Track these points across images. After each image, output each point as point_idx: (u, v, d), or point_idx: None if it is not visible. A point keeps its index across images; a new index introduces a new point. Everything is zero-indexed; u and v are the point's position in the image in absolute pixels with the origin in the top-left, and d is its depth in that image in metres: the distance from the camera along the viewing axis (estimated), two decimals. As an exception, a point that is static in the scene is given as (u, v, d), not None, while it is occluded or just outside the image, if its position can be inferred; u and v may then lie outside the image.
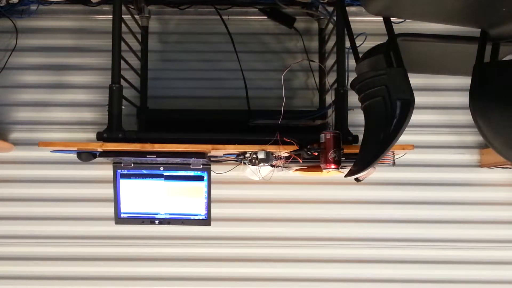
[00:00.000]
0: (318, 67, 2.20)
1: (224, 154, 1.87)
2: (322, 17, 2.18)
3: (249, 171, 1.93)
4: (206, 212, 1.96)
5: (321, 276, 2.19)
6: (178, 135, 1.80)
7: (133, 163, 1.90)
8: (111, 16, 1.78)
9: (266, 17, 2.29)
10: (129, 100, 1.94)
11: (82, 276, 2.18)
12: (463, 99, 2.13)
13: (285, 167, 1.87)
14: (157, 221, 1.96)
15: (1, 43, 2.28)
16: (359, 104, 1.44)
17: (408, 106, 1.23)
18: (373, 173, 1.69)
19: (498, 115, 1.15)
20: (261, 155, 1.72)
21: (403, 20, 2.00)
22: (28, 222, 2.21)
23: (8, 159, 2.23)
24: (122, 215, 1.96)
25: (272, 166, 1.80)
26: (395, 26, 1.29)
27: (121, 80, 1.78)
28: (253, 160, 1.75)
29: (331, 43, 1.98)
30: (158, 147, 1.71)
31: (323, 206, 2.22)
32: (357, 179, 1.72)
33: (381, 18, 1.28)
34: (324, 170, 1.66)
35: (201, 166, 1.91)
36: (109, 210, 1.98)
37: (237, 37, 2.24)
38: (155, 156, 1.75)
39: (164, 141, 1.72)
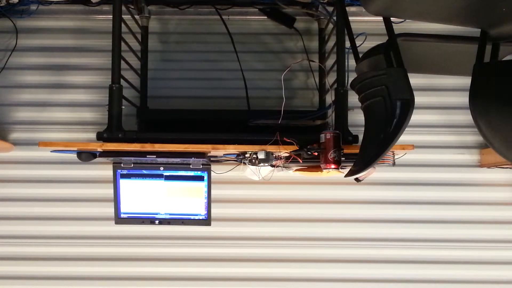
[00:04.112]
0: (318, 67, 2.20)
1: (224, 154, 1.87)
2: (322, 17, 2.18)
3: (249, 171, 1.93)
4: (206, 212, 1.96)
5: (321, 276, 2.19)
6: (178, 135, 1.80)
7: (133, 163, 1.90)
8: (111, 16, 1.78)
9: (266, 17, 2.29)
10: (129, 100, 1.94)
11: (82, 276, 2.18)
12: (463, 99, 2.13)
13: (285, 167, 1.87)
14: (157, 221, 1.96)
15: (1, 43, 2.28)
16: (359, 104, 1.44)
17: (408, 106, 1.23)
18: (373, 173, 1.70)
19: (498, 115, 1.15)
20: (261, 155, 1.72)
21: (403, 20, 2.00)
22: (28, 222, 2.20)
23: (8, 159, 2.23)
24: (122, 215, 1.96)
25: (272, 166, 1.80)
26: (395, 26, 1.29)
27: (121, 80, 1.79)
28: (253, 160, 1.75)
29: (331, 43, 1.98)
30: (158, 147, 1.71)
31: (323, 206, 2.22)
32: (357, 179, 1.72)
33: (381, 18, 1.28)
34: (324, 170, 1.66)
35: (201, 166, 1.91)
36: (109, 210, 1.98)
37: (237, 37, 2.24)
38: (155, 156, 1.75)
39: (164, 141, 1.72)
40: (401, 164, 2.05)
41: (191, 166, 1.91)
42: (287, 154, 1.72)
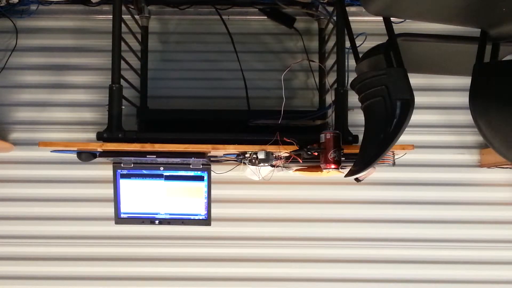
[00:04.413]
0: (318, 67, 2.20)
1: (224, 154, 1.87)
2: (322, 17, 2.18)
3: (249, 171, 1.93)
4: (206, 212, 1.96)
5: (321, 276, 2.19)
6: (178, 135, 1.80)
7: (133, 163, 1.90)
8: (111, 16, 1.78)
9: (266, 17, 2.29)
10: (129, 100, 1.94)
11: (82, 276, 2.18)
12: (463, 99, 2.13)
13: (285, 167, 1.87)
14: (157, 221, 1.96)
15: (1, 43, 2.28)
16: (359, 104, 1.44)
17: (408, 106, 1.23)
18: (373, 173, 1.69)
19: (498, 115, 1.15)
20: (261, 155, 1.72)
21: (403, 20, 2.00)
22: (28, 222, 2.20)
23: (8, 159, 2.23)
24: (122, 215, 1.96)
25: (272, 166, 1.80)
26: (395, 26, 1.29)
27: (121, 80, 1.79)
28: (253, 160, 1.75)
29: (331, 43, 1.98)
30: (158, 147, 1.71)
31: (323, 206, 2.22)
32: (357, 179, 1.72)
33: (381, 18, 1.28)
34: (324, 170, 1.66)
35: (201, 166, 1.91)
36: (109, 210, 1.98)
37: (237, 37, 2.24)
38: (155, 156, 1.75)
39: (164, 141, 1.72)
40: (401, 164, 2.05)
41: (191, 166, 1.91)
42: (287, 154, 1.72)
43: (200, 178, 1.94)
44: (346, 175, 1.49)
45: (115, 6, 1.77)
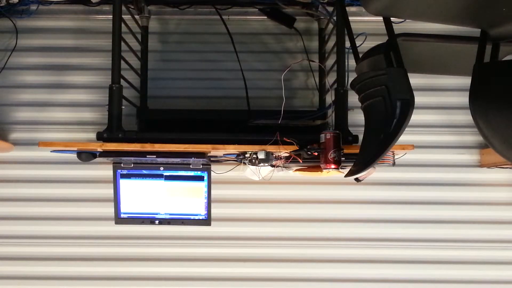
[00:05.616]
0: (318, 67, 2.20)
1: (224, 154, 1.87)
2: (322, 17, 2.18)
3: (249, 171, 1.93)
4: (206, 212, 1.96)
5: (321, 276, 2.19)
6: (178, 135, 1.80)
7: (133, 163, 1.90)
8: (111, 16, 1.78)
9: (266, 17, 2.29)
10: (129, 100, 1.94)
11: (82, 276, 2.18)
12: (463, 99, 2.13)
13: (285, 167, 1.87)
14: (157, 221, 1.96)
15: (1, 43, 2.28)
16: (359, 104, 1.44)
17: (408, 106, 1.23)
18: (373, 173, 1.69)
19: (498, 115, 1.15)
20: (261, 155, 1.73)
21: (403, 20, 2.00)
22: (28, 222, 2.20)
23: (8, 159, 2.23)
24: (122, 215, 1.96)
25: (272, 166, 1.80)
26: (395, 26, 1.29)
27: (121, 80, 1.79)
28: (253, 160, 1.75)
29: (331, 43, 1.98)
30: (158, 147, 1.71)
31: (323, 206, 2.22)
32: (357, 179, 1.72)
33: (381, 18, 1.28)
34: (324, 170, 1.66)
35: (201, 166, 1.91)
36: (109, 210, 1.98)
37: (237, 37, 2.24)
38: (155, 156, 1.75)
39: (164, 141, 1.73)
40: (401, 164, 2.05)
41: (191, 166, 1.91)
42: (287, 154, 1.72)
43: (200, 178, 1.94)
44: (346, 175, 1.49)
45: (115, 6, 1.77)
